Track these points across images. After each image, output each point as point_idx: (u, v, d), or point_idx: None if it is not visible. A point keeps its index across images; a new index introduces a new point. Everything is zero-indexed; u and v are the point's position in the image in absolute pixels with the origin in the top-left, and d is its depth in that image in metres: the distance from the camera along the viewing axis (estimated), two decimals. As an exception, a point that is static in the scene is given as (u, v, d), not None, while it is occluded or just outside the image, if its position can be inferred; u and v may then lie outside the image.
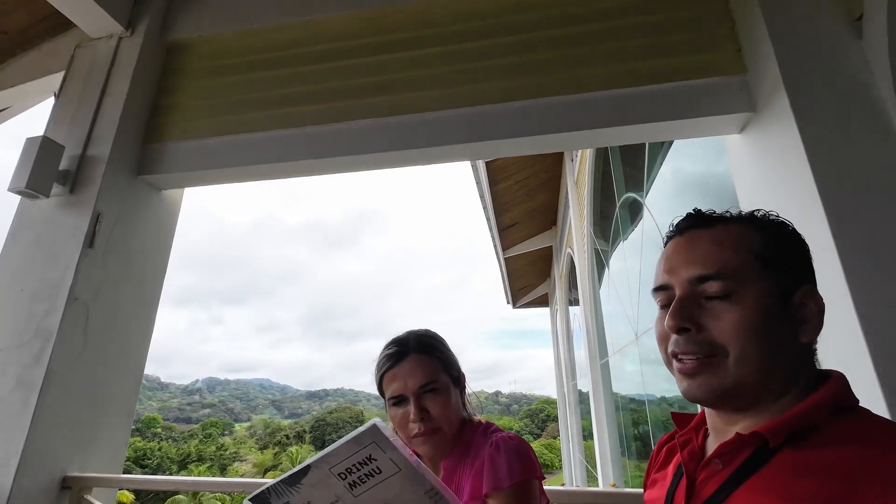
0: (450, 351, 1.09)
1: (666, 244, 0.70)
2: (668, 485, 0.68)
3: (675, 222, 0.69)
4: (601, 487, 6.24)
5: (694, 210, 0.68)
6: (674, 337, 0.62)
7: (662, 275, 0.67)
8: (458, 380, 1.07)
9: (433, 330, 1.11)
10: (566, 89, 1.99)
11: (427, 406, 0.97)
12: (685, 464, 0.65)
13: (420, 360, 1.01)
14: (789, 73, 1.61)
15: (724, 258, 0.61)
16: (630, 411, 5.83)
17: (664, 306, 0.66)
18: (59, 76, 2.44)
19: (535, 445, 47.68)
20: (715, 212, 0.67)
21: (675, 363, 0.63)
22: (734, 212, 0.67)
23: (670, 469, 0.71)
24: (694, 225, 0.67)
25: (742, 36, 1.88)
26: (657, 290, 0.68)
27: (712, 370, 0.59)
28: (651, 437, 4.81)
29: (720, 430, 0.64)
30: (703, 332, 0.60)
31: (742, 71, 1.86)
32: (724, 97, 1.84)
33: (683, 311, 0.61)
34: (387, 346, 1.06)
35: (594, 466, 7.04)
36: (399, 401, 1.00)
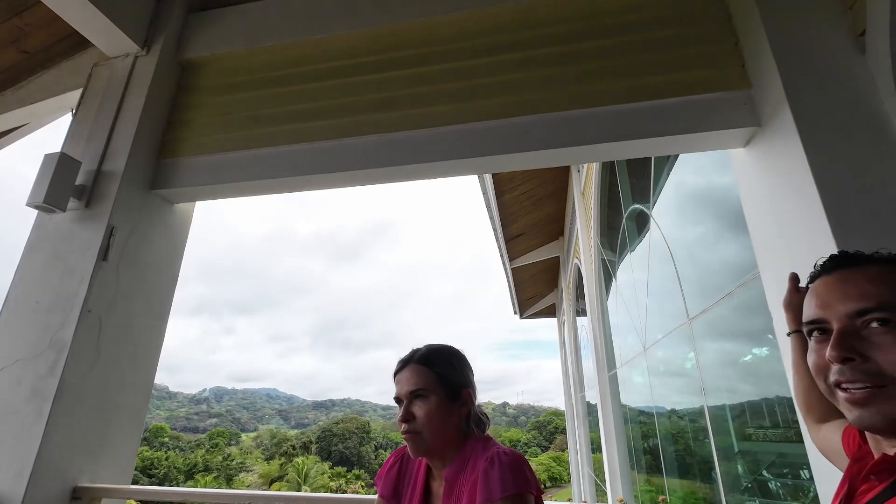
0: (454, 369, 1.14)
1: (811, 282, 0.73)
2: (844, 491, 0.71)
3: (821, 263, 0.73)
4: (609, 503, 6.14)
5: (839, 252, 0.72)
6: (836, 367, 0.65)
7: (815, 310, 0.70)
8: (457, 395, 1.11)
9: (455, 348, 1.19)
10: (571, 104, 2.02)
11: (413, 410, 1.07)
12: (851, 478, 0.69)
13: (417, 370, 1.11)
14: (793, 88, 1.62)
15: (882, 293, 0.64)
16: (639, 424, 5.77)
17: (819, 340, 0.69)
18: (77, 93, 2.51)
19: (544, 458, 46.95)
20: (862, 252, 0.71)
21: (839, 393, 0.66)
22: (882, 253, 0.70)
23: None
24: (843, 265, 0.70)
25: (746, 51, 1.90)
26: (809, 323, 0.71)
27: (885, 398, 0.61)
28: (660, 450, 4.75)
29: (880, 450, 0.68)
30: (868, 363, 0.62)
31: (746, 86, 1.87)
32: (729, 112, 1.86)
33: (845, 342, 0.64)
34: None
35: (603, 480, 6.94)
36: (398, 401, 1.12)
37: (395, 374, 1.14)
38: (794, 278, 1.04)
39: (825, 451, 0.90)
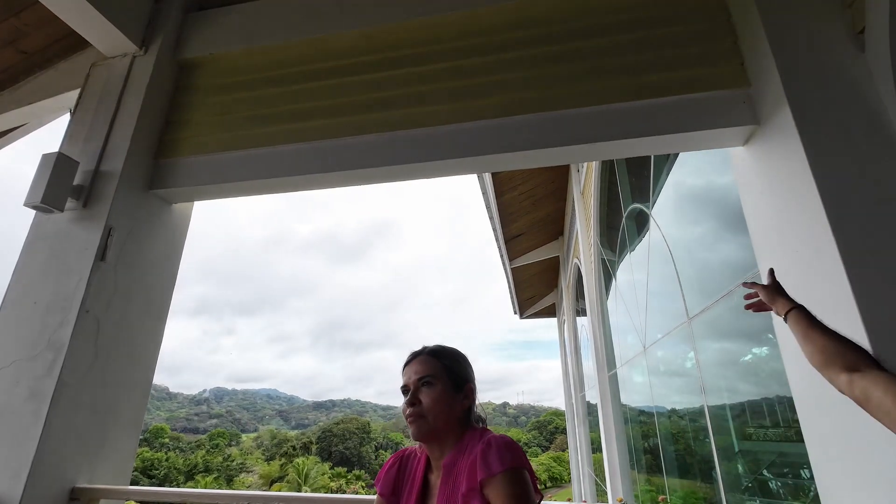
0: (460, 365, 1.22)
1: None
2: None
3: None
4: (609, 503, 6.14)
5: None
6: None
7: None
8: (460, 387, 1.18)
9: (460, 351, 1.26)
10: (571, 103, 2.01)
11: (420, 395, 1.14)
12: None
13: (426, 360, 1.19)
14: (792, 86, 1.61)
15: None
16: (639, 423, 5.76)
17: None
18: (75, 94, 2.51)
19: (544, 458, 46.93)
20: None
21: None
22: None
23: None
24: None
25: (745, 49, 1.89)
26: None
27: None
28: (661, 450, 4.74)
29: None
30: None
31: (745, 84, 1.87)
32: (728, 110, 1.85)
33: None
34: None
35: (603, 480, 6.93)
36: (405, 391, 1.18)
37: (405, 365, 1.21)
38: (772, 272, 1.19)
39: (863, 401, 0.91)
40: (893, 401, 0.83)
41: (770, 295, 1.15)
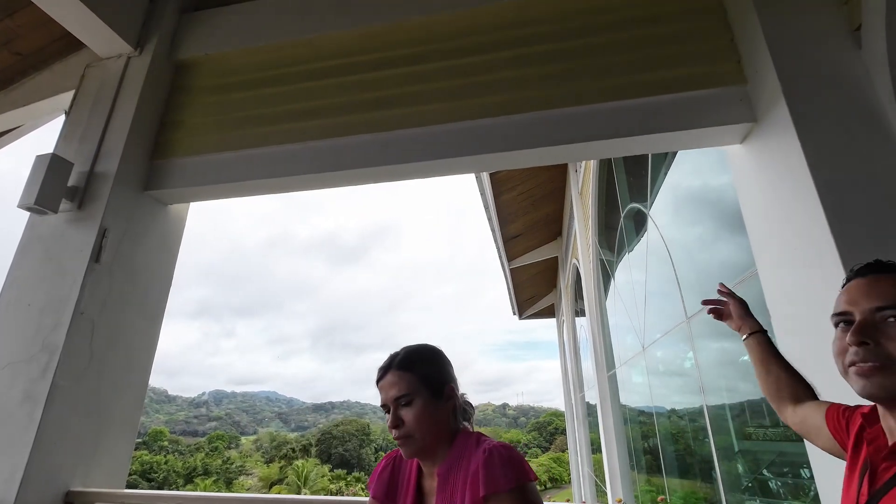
0: (435, 367, 1.15)
1: (847, 283, 0.86)
2: (859, 469, 0.83)
3: (857, 268, 0.85)
4: None
5: (875, 260, 0.84)
6: (853, 349, 0.77)
7: (844, 305, 0.83)
8: (441, 393, 1.11)
9: (431, 345, 1.19)
10: (567, 102, 2.01)
11: (402, 416, 1.07)
12: (871, 456, 0.81)
13: (398, 376, 1.10)
14: (789, 83, 1.61)
15: None
16: (639, 424, 5.75)
17: (844, 329, 0.81)
18: (70, 95, 2.50)
19: (544, 459, 47.00)
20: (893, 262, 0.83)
21: (851, 370, 0.78)
22: None
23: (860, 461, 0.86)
24: (876, 271, 0.82)
25: (742, 47, 1.89)
26: (837, 315, 0.83)
27: (885, 374, 0.75)
28: (661, 450, 4.73)
29: (893, 431, 0.79)
30: (879, 347, 0.76)
31: (742, 82, 1.86)
32: (725, 108, 1.85)
33: (864, 330, 0.77)
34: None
35: (603, 481, 6.92)
36: (385, 409, 1.11)
37: (378, 381, 1.13)
38: (727, 294, 1.26)
39: (802, 427, 1.05)
40: (822, 418, 0.97)
41: (740, 310, 1.23)
